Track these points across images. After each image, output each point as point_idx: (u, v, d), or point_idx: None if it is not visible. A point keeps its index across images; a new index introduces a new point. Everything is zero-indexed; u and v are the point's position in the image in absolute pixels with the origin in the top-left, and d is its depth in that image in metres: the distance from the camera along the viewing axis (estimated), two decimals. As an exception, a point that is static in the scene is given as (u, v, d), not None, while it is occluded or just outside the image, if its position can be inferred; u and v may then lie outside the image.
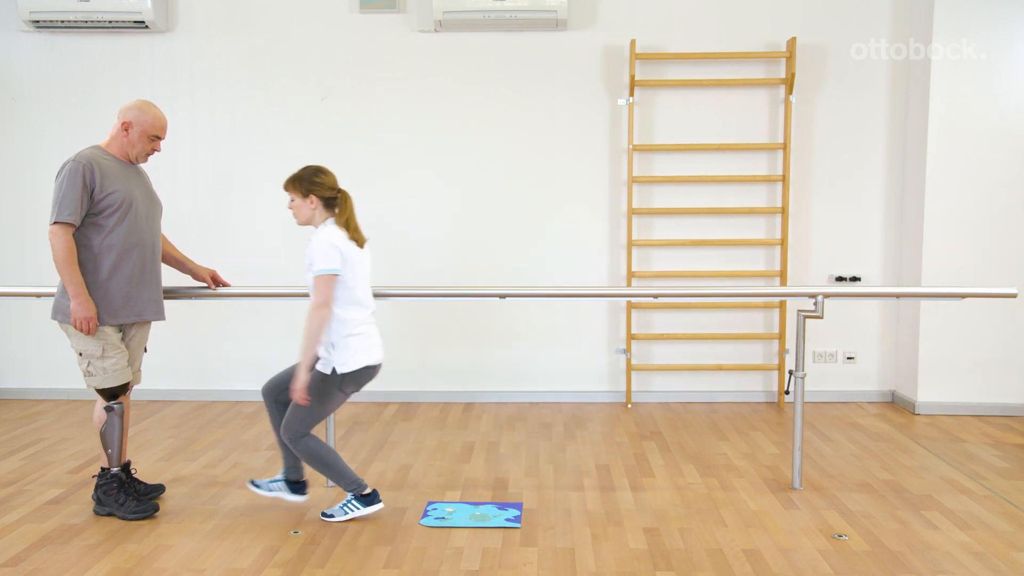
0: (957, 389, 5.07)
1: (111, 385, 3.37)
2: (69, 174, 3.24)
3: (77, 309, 3.25)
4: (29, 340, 5.51)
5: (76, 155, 3.30)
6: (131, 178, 3.43)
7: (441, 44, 5.26)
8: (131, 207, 3.36)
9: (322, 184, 3.34)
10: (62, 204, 3.22)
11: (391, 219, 5.35)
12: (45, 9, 5.02)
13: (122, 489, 3.43)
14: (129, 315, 3.41)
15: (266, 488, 3.53)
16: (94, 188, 3.26)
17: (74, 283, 3.23)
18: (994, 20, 4.87)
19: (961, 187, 4.96)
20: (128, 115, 3.40)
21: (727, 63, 5.20)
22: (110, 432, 3.41)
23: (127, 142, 3.41)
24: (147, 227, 3.46)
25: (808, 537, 3.18)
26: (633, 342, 5.32)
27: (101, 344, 3.33)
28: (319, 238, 3.26)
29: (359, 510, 3.35)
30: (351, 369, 3.27)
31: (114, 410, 3.40)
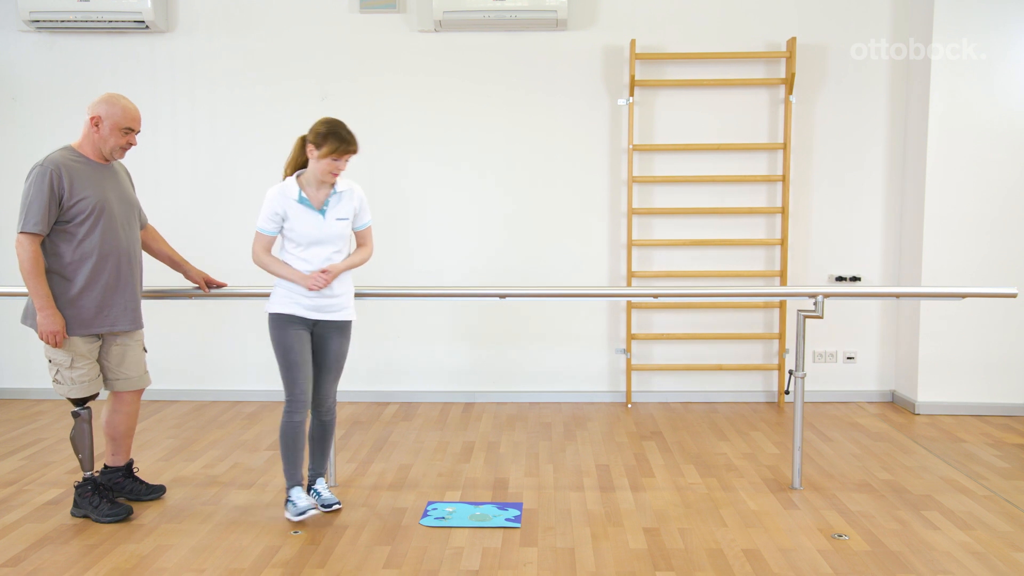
0: (957, 389, 5.07)
1: (77, 396, 3.33)
2: (36, 180, 3.12)
3: (43, 322, 3.16)
4: (29, 340, 5.47)
5: (44, 159, 3.18)
6: (105, 180, 3.30)
7: (441, 44, 5.26)
8: (104, 212, 3.24)
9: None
10: (28, 212, 3.11)
11: (390, 219, 5.35)
12: (45, 9, 5.02)
13: (96, 492, 3.38)
14: (102, 326, 3.30)
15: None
16: (63, 195, 3.14)
17: (40, 295, 3.14)
18: (994, 20, 4.87)
19: (961, 187, 4.96)
20: (96, 109, 3.26)
21: (727, 63, 5.20)
22: (79, 437, 3.38)
23: (99, 138, 3.28)
24: (123, 233, 3.33)
25: (808, 537, 3.18)
26: (633, 342, 5.32)
27: (70, 355, 3.26)
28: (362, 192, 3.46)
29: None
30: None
31: (81, 415, 3.37)
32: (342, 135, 3.24)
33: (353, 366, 5.32)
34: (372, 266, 5.36)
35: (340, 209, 3.35)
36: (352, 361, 5.29)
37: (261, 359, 5.45)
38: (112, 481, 3.54)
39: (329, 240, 3.33)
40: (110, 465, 3.57)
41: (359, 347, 5.34)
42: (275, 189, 3.32)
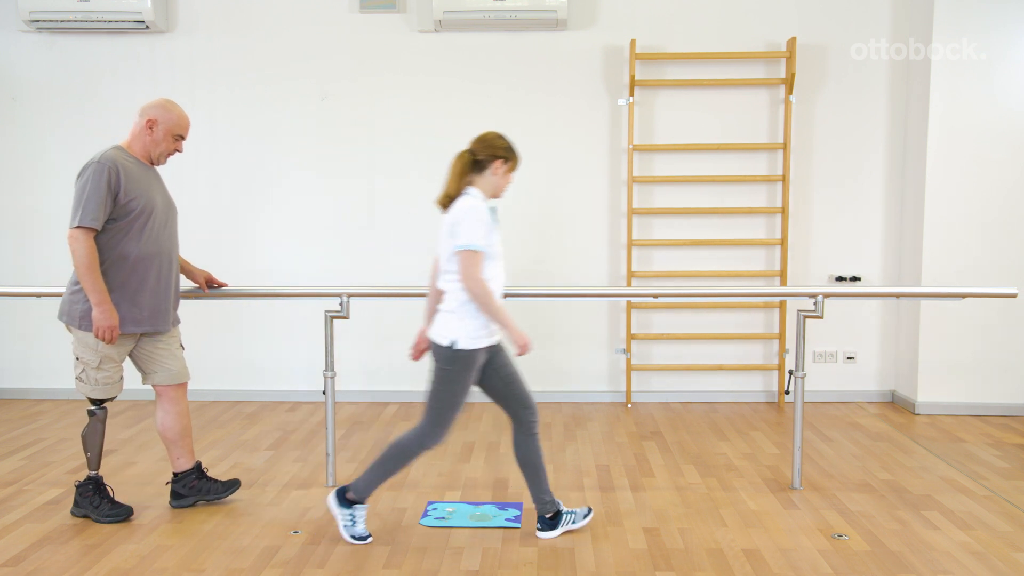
0: (957, 389, 5.07)
1: (97, 397, 3.32)
2: (93, 175, 3.12)
3: (99, 317, 3.15)
4: (29, 340, 5.51)
5: (100, 156, 3.18)
6: (151, 182, 3.33)
7: (441, 44, 5.26)
8: (152, 214, 3.26)
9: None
10: (85, 207, 3.10)
11: (390, 219, 5.35)
12: (45, 9, 5.01)
13: (97, 491, 3.37)
14: (142, 325, 3.31)
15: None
16: (118, 192, 3.15)
17: (96, 290, 3.13)
18: (994, 20, 4.87)
19: (961, 187, 4.96)
20: (152, 113, 3.29)
21: (727, 63, 5.20)
22: (91, 436, 3.36)
23: (150, 141, 3.31)
24: (165, 235, 3.35)
25: (808, 537, 3.18)
26: (633, 342, 5.32)
27: (100, 355, 3.26)
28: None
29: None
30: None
31: (96, 415, 3.36)
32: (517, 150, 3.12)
33: (353, 366, 5.33)
34: (372, 266, 5.38)
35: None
36: (352, 361, 5.31)
37: (261, 359, 5.45)
38: (187, 486, 3.49)
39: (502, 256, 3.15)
40: (179, 471, 3.50)
41: (359, 348, 5.35)
42: (479, 204, 3.02)
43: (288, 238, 5.38)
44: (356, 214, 5.37)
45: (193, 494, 3.50)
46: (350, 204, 5.37)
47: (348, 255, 5.37)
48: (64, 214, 5.34)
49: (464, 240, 2.97)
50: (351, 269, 5.33)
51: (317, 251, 5.38)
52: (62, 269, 5.34)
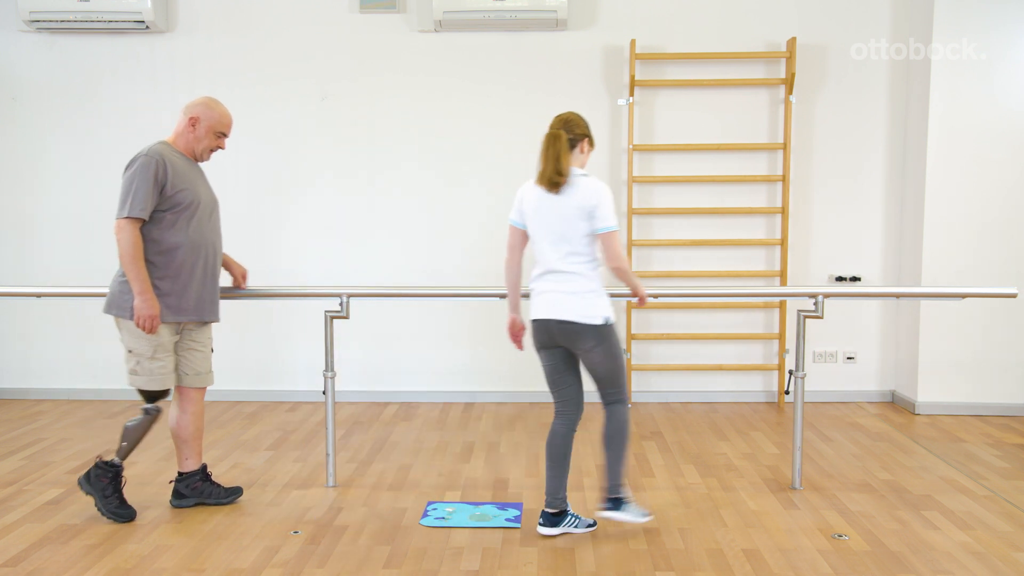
0: (957, 389, 5.07)
1: (154, 388, 3.33)
2: (141, 168, 3.20)
3: (141, 306, 3.19)
4: (29, 340, 5.51)
5: (148, 149, 3.25)
6: (196, 176, 3.41)
7: (441, 44, 5.26)
8: (198, 207, 3.33)
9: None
10: (133, 198, 3.17)
11: (391, 219, 5.35)
12: (45, 9, 5.02)
13: (112, 483, 3.36)
14: (191, 314, 3.36)
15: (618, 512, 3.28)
16: (165, 184, 3.22)
17: (139, 280, 3.18)
18: (994, 20, 4.87)
19: (961, 187, 4.96)
20: (195, 111, 3.37)
21: (727, 63, 5.20)
22: (136, 429, 3.37)
23: (193, 138, 3.38)
24: (210, 227, 3.42)
25: (808, 537, 3.18)
26: (633, 342, 5.32)
27: (153, 345, 3.29)
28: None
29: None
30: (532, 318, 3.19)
31: (150, 413, 3.37)
32: None
33: (353, 366, 5.33)
34: (371, 266, 5.38)
35: None
36: (352, 361, 5.31)
37: (261, 359, 5.45)
38: (190, 487, 3.50)
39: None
40: (184, 471, 3.50)
41: (359, 347, 5.35)
42: (604, 184, 3.16)
43: (287, 238, 5.38)
44: (356, 214, 5.37)
45: (195, 496, 3.50)
46: (350, 204, 5.37)
47: (348, 255, 5.37)
48: (64, 214, 5.39)
49: (608, 222, 3.07)
50: (351, 269, 5.33)
51: (317, 251, 5.38)
52: (62, 269, 5.38)
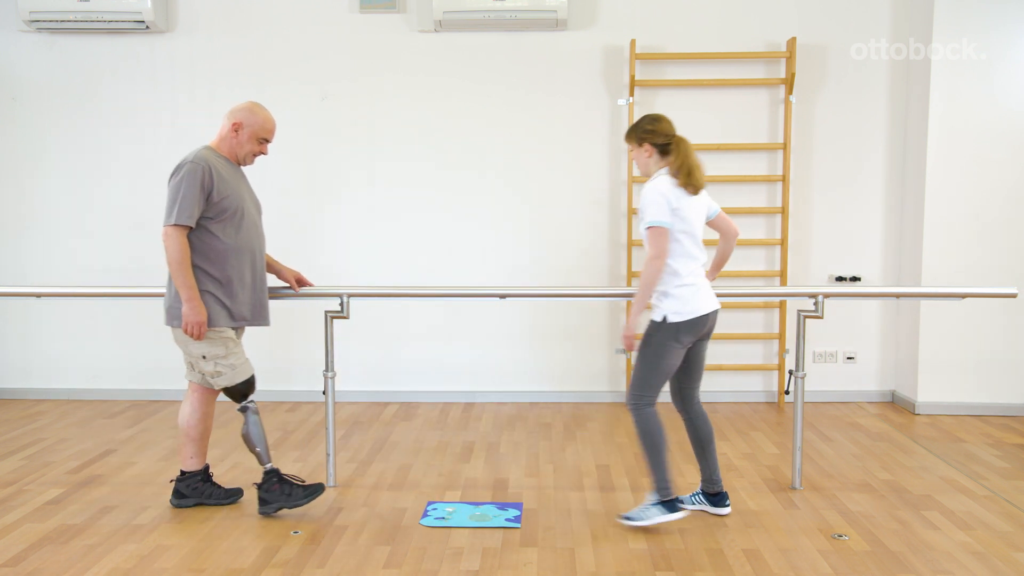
0: (957, 389, 5.07)
1: (240, 380, 3.34)
2: (188, 175, 3.20)
3: (189, 313, 3.20)
4: (29, 340, 5.51)
5: (194, 156, 3.26)
6: (240, 181, 3.41)
7: (441, 44, 5.26)
8: (244, 212, 3.34)
9: (654, 131, 3.24)
10: (181, 206, 3.17)
11: (391, 219, 5.35)
12: (45, 9, 5.01)
13: (283, 481, 3.38)
14: (245, 321, 3.37)
15: (688, 502, 3.41)
16: (211, 191, 3.23)
17: (188, 286, 3.19)
18: (994, 20, 4.87)
19: (961, 187, 4.96)
20: (238, 116, 3.38)
21: (727, 63, 5.20)
22: (253, 431, 3.36)
23: (236, 143, 3.39)
24: (255, 232, 3.44)
25: (808, 537, 3.18)
26: (633, 342, 5.32)
27: (224, 343, 3.31)
28: (649, 189, 3.19)
29: (659, 516, 3.21)
30: (684, 319, 3.19)
31: (249, 408, 3.37)
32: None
33: (353, 366, 5.33)
34: (371, 266, 5.38)
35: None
36: (352, 361, 5.31)
37: (261, 359, 5.44)
38: (191, 487, 3.49)
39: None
40: (187, 470, 3.50)
41: (359, 347, 5.35)
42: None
43: (287, 238, 5.37)
44: (356, 214, 5.37)
45: (195, 496, 3.50)
46: (349, 204, 5.37)
47: (348, 255, 5.37)
48: (64, 214, 5.39)
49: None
50: (351, 269, 5.33)
51: (317, 251, 5.38)
52: (62, 269, 5.38)
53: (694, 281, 3.25)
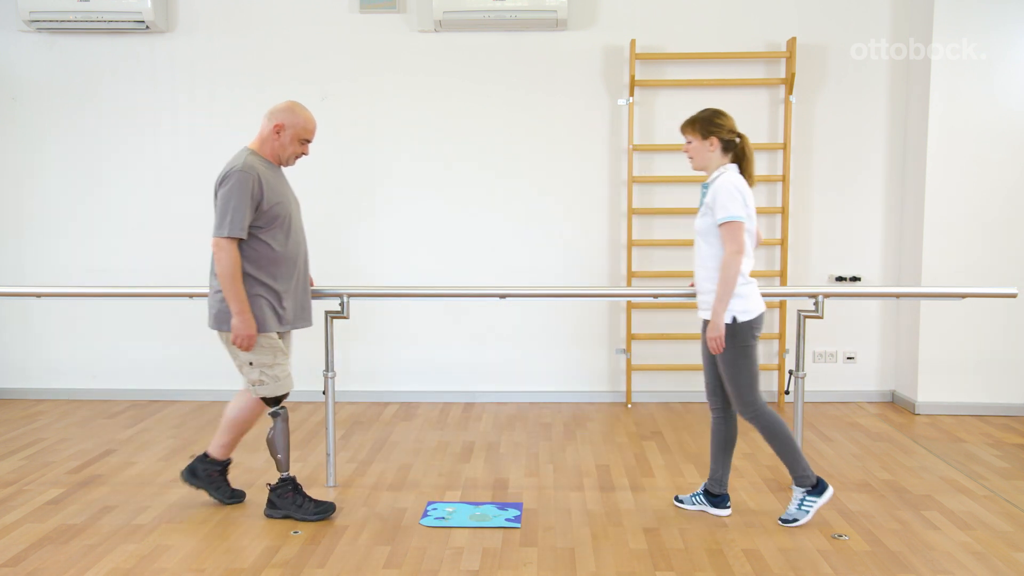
0: (957, 389, 5.07)
1: (280, 393, 3.33)
2: (238, 185, 3.16)
3: (239, 326, 3.18)
4: (29, 340, 5.51)
5: (242, 163, 3.21)
6: (284, 184, 3.39)
7: (441, 44, 5.26)
8: (290, 216, 3.33)
9: (722, 126, 3.25)
10: (233, 217, 3.14)
11: (391, 218, 5.35)
12: (45, 9, 5.01)
13: (297, 491, 3.39)
14: (290, 324, 3.38)
15: (688, 503, 3.47)
16: (261, 200, 3.20)
17: (239, 299, 3.17)
18: (994, 20, 4.87)
19: (961, 187, 4.96)
20: (280, 117, 3.32)
21: (727, 63, 5.20)
22: (278, 437, 3.36)
23: (279, 145, 3.34)
24: (301, 236, 3.43)
25: (808, 537, 3.18)
26: (633, 342, 5.32)
27: (273, 352, 3.29)
28: (724, 183, 3.18)
29: (815, 503, 3.26)
30: (752, 316, 3.20)
31: (280, 415, 3.37)
32: None
33: (353, 366, 5.33)
34: (371, 266, 5.38)
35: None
36: (352, 361, 5.31)
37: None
38: (207, 472, 3.50)
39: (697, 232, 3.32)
40: (211, 455, 3.51)
41: (359, 347, 5.35)
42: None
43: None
44: (355, 214, 5.37)
45: (205, 483, 3.51)
46: (349, 204, 5.37)
47: (348, 254, 5.37)
48: (64, 214, 5.39)
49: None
50: (351, 268, 5.33)
51: (316, 251, 5.35)
52: (62, 269, 5.38)
53: (752, 279, 3.28)
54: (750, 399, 3.23)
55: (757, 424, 3.25)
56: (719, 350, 3.19)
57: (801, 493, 3.29)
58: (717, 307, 3.17)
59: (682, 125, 3.32)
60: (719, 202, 3.17)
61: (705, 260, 3.27)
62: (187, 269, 5.36)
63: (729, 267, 3.14)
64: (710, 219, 3.21)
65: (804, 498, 3.28)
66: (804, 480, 3.27)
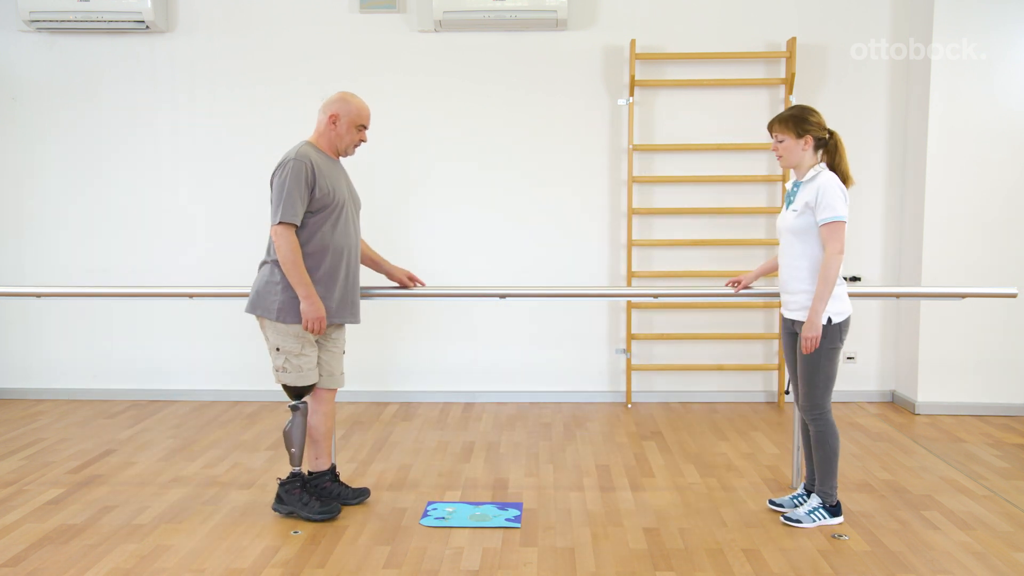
0: (957, 389, 5.06)
1: (303, 384, 3.33)
2: (292, 172, 3.18)
3: (308, 309, 3.21)
4: (29, 340, 5.51)
5: (296, 152, 3.24)
6: (340, 176, 3.40)
7: (441, 44, 5.26)
8: (343, 207, 3.33)
9: (817, 124, 3.21)
10: (287, 204, 3.16)
11: (390, 218, 5.35)
12: (45, 9, 5.01)
13: (305, 489, 3.39)
14: (339, 317, 3.37)
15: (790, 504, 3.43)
16: (314, 187, 3.22)
17: (304, 284, 3.19)
18: (994, 20, 4.87)
19: (961, 187, 4.96)
20: (334, 107, 3.34)
21: (727, 63, 5.20)
22: (294, 431, 3.36)
23: (335, 135, 3.36)
24: (353, 228, 3.43)
25: (808, 537, 3.18)
26: (633, 342, 5.32)
27: (302, 341, 3.29)
28: (828, 183, 3.15)
29: (824, 519, 3.27)
30: (845, 317, 3.21)
31: (299, 409, 3.36)
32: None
33: (353, 366, 5.32)
34: (372, 266, 5.37)
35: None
36: (352, 361, 5.30)
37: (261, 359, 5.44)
38: (319, 486, 3.49)
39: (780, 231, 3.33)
40: (314, 470, 3.51)
41: (359, 347, 5.34)
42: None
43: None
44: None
45: (323, 495, 3.48)
46: (350, 204, 5.36)
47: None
48: (64, 214, 5.39)
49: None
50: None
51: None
52: (62, 269, 5.38)
53: (844, 281, 3.27)
54: (820, 401, 3.24)
55: (815, 426, 3.27)
56: (811, 350, 3.18)
57: (817, 502, 3.30)
58: (816, 307, 3.14)
59: (771, 123, 3.27)
60: (824, 201, 3.13)
61: (797, 259, 3.24)
62: (187, 269, 5.37)
63: (831, 267, 3.12)
64: (808, 218, 3.18)
65: (818, 508, 3.29)
66: (827, 496, 3.30)
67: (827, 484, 3.29)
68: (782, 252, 3.32)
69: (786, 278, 3.30)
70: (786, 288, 3.31)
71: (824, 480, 3.29)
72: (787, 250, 3.28)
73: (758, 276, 3.69)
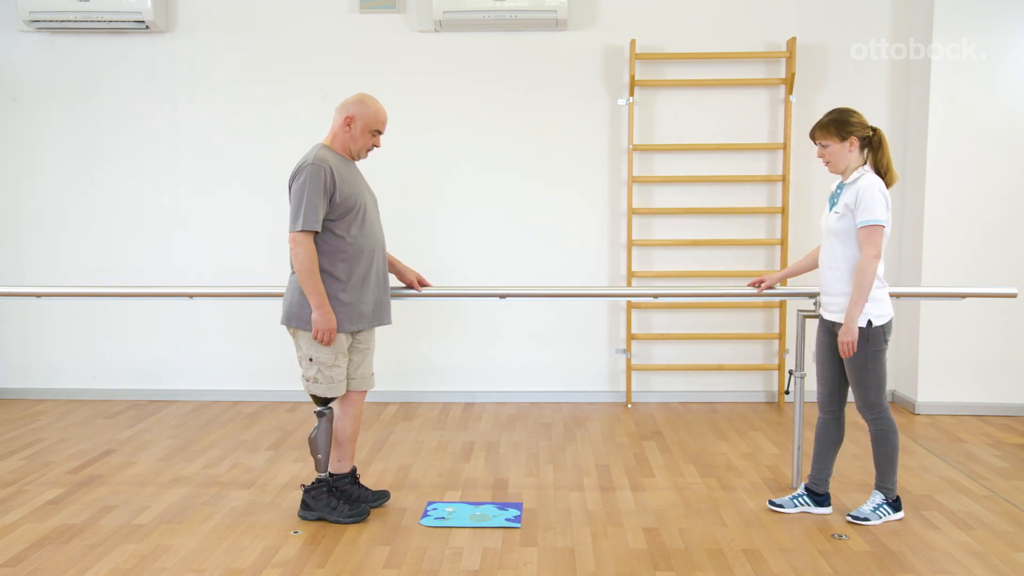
0: (957, 389, 5.06)
1: (334, 395, 3.30)
2: (311, 178, 3.13)
3: (319, 320, 3.17)
4: (29, 340, 5.51)
5: (314, 157, 3.19)
6: (358, 177, 3.36)
7: (441, 44, 5.26)
8: (365, 209, 3.30)
9: (859, 124, 3.17)
10: (306, 211, 3.11)
11: (390, 219, 5.34)
12: (45, 9, 5.01)
13: (331, 493, 3.37)
14: (372, 321, 3.34)
15: (790, 505, 3.46)
16: (333, 192, 3.17)
17: (317, 293, 3.15)
18: (994, 20, 4.87)
19: (961, 187, 4.96)
20: (350, 110, 3.29)
21: (727, 63, 5.20)
22: (320, 437, 3.33)
23: (349, 138, 3.31)
24: (376, 228, 3.39)
25: (808, 537, 3.18)
26: (633, 342, 5.32)
27: (335, 352, 3.25)
28: (869, 186, 3.12)
29: (889, 514, 3.32)
30: (887, 320, 3.21)
31: (325, 415, 3.34)
32: None
33: (353, 366, 5.33)
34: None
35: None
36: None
37: (261, 359, 5.45)
38: (340, 488, 3.46)
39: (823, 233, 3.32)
40: (336, 472, 3.47)
41: (359, 347, 5.35)
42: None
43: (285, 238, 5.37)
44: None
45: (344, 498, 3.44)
46: (350, 204, 5.36)
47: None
48: (64, 214, 5.39)
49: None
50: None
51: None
52: (62, 269, 5.37)
53: (885, 283, 3.27)
54: (877, 402, 3.28)
55: (875, 426, 3.30)
56: (850, 354, 3.19)
57: (881, 499, 3.34)
58: (852, 311, 3.14)
59: (812, 131, 3.24)
60: (863, 204, 3.11)
61: (838, 262, 3.23)
62: (187, 269, 5.37)
63: (866, 271, 3.11)
64: (849, 220, 3.17)
65: (882, 505, 3.33)
66: (888, 492, 3.34)
67: (888, 480, 3.33)
68: (823, 253, 3.32)
69: (827, 280, 3.30)
70: (826, 290, 3.32)
71: (886, 476, 3.33)
72: (828, 252, 3.28)
73: (784, 278, 3.67)
